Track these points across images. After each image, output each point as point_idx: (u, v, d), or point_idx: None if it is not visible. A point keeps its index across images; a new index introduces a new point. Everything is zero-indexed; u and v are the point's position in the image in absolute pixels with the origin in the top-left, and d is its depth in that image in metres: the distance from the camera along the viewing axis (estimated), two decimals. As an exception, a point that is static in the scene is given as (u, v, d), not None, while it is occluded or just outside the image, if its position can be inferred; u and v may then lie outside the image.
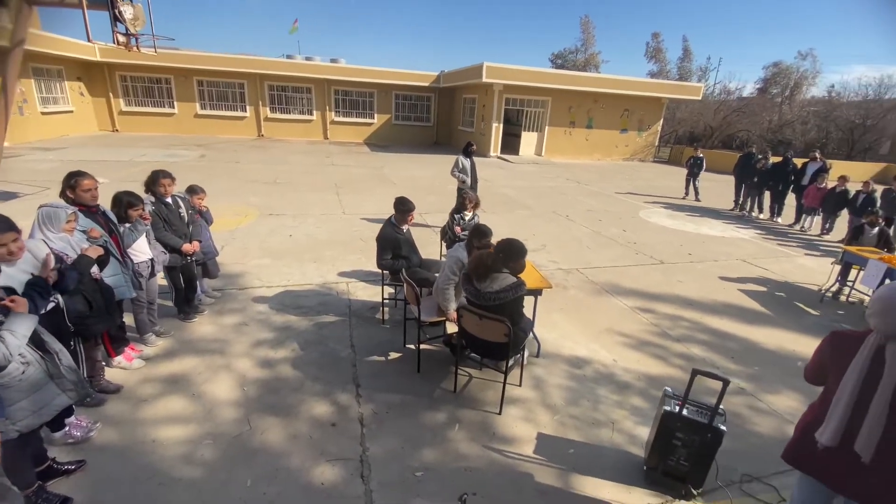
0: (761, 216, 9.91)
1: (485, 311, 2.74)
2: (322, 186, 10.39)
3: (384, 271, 3.91)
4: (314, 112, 22.07)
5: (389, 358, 3.56)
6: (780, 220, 9.61)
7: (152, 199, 3.48)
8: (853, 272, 5.23)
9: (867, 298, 5.20)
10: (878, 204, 7.24)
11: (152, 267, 3.38)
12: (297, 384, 3.18)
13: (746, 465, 2.67)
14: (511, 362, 3.37)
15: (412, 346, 3.60)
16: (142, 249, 3.28)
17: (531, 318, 3.70)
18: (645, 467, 2.51)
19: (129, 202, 3.06)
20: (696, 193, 11.38)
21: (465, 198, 4.75)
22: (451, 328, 3.41)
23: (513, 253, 2.79)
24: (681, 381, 3.00)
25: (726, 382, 2.19)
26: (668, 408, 2.36)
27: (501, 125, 18.95)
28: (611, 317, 4.56)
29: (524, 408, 3.07)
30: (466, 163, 6.80)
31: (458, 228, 4.68)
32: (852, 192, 7.98)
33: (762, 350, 4.11)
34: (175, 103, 20.36)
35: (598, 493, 2.41)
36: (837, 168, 12.65)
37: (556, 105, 19.51)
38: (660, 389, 3.08)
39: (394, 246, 3.81)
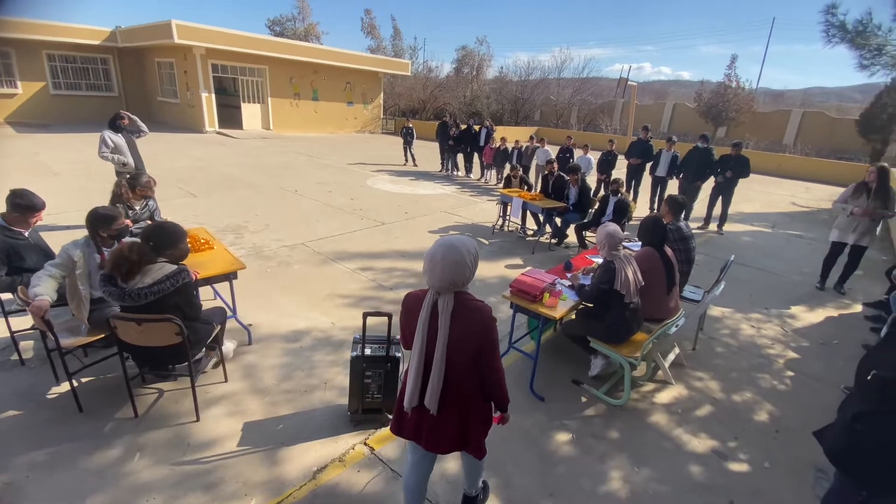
0: (459, 174, 12.06)
1: (143, 314, 2.30)
2: None
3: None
4: None
5: (34, 407, 2.66)
6: (472, 175, 11.92)
7: None
8: (509, 208, 6.94)
9: (517, 226, 7.05)
10: (519, 158, 9.82)
11: None
12: None
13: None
14: (214, 359, 3.05)
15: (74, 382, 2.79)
16: None
17: (229, 306, 3.43)
18: (349, 413, 2.70)
19: None
20: (413, 159, 12.86)
21: (135, 185, 3.88)
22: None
23: (166, 238, 2.40)
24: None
25: (390, 316, 2.51)
26: (354, 353, 2.56)
27: (213, 95, 16.59)
28: (333, 283, 4.69)
29: (231, 402, 2.83)
30: (118, 139, 5.47)
31: (127, 222, 3.79)
32: (510, 149, 10.56)
33: (453, 281, 5.02)
34: None
35: (304, 456, 2.44)
36: (506, 132, 16.50)
37: (276, 74, 18.35)
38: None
39: (8, 257, 2.77)
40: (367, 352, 2.56)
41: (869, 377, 1.50)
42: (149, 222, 4.15)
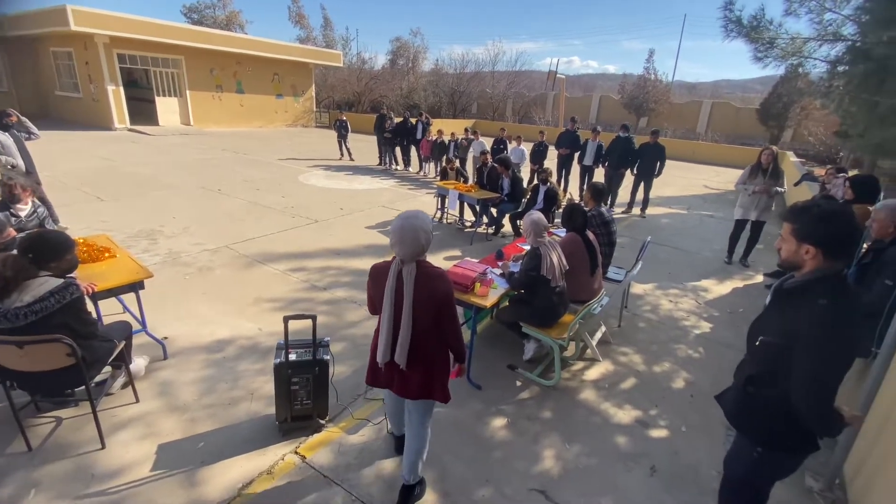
0: (397, 167, 11.91)
1: (25, 336, 2.02)
2: None
3: None
4: None
5: None
6: (411, 168, 11.81)
7: None
8: (446, 201, 6.95)
9: (455, 218, 7.09)
10: (456, 151, 9.89)
11: None
12: None
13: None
14: (122, 379, 2.78)
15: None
16: None
17: (138, 318, 3.14)
18: (277, 423, 2.56)
19: None
20: (349, 153, 12.51)
21: (10, 186, 3.40)
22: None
23: (48, 249, 2.12)
24: (322, 327, 3.15)
25: (314, 318, 2.41)
26: (277, 360, 2.42)
27: (121, 88, 15.08)
28: (260, 287, 4.43)
29: (142, 424, 2.58)
30: (5, 139, 4.83)
31: (11, 231, 3.33)
32: (448, 142, 10.57)
33: (390, 277, 4.95)
34: None
35: (228, 473, 2.29)
36: (444, 125, 16.51)
37: (194, 66, 17.01)
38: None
39: None
40: (292, 357, 2.43)
41: (757, 342, 1.64)
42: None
